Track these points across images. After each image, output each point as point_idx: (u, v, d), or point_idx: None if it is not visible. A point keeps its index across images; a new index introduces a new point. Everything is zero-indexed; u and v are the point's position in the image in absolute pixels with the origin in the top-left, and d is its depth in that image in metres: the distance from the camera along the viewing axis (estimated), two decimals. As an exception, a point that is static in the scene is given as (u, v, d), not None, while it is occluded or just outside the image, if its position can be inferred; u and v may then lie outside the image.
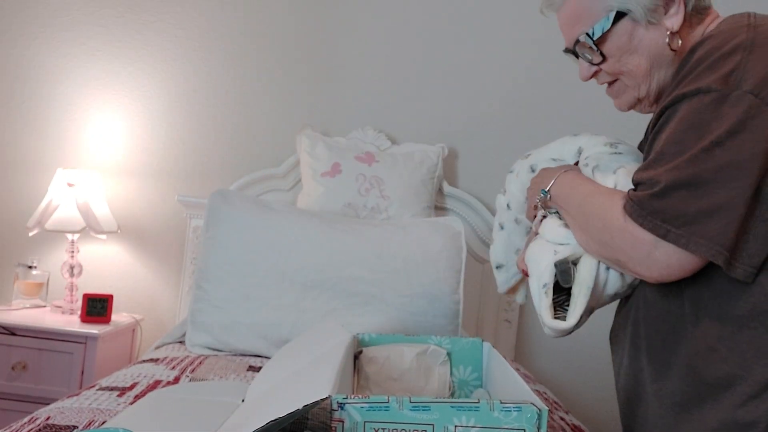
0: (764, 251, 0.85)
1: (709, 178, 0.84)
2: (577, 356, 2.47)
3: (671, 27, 1.00)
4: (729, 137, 0.84)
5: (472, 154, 2.53)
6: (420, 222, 2.09)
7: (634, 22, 1.01)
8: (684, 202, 0.85)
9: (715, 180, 0.84)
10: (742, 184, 0.84)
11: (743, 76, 0.85)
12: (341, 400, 0.80)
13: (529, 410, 0.79)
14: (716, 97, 0.86)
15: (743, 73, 0.85)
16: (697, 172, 0.85)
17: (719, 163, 0.84)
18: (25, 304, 2.35)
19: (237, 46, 2.52)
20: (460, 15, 2.52)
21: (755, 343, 0.87)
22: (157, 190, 2.51)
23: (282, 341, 1.81)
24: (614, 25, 1.01)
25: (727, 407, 0.88)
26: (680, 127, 0.88)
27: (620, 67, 1.04)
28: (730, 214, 0.84)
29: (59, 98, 2.51)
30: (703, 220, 0.84)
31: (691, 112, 0.87)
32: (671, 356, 0.96)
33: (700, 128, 0.86)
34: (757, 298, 0.87)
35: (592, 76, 1.10)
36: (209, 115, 2.52)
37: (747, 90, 0.84)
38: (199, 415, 1.09)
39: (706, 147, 0.84)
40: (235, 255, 1.89)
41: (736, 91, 0.85)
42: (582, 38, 1.04)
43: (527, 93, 2.51)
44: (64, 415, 1.21)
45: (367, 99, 2.52)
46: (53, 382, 2.12)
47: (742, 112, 0.84)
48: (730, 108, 0.84)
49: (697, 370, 0.92)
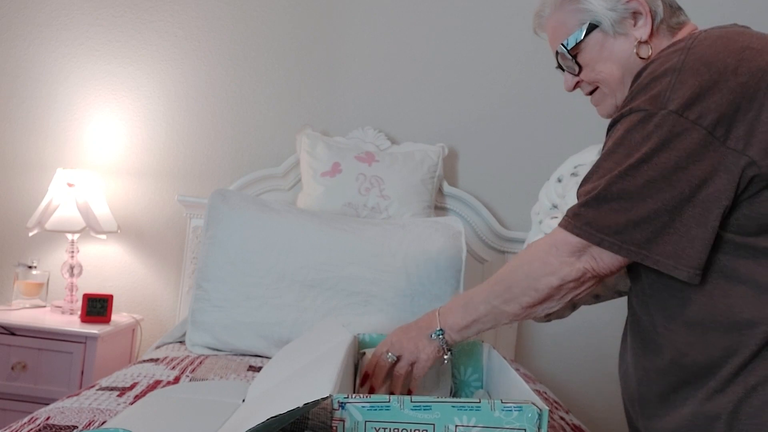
0: (704, 253, 0.90)
1: (635, 192, 0.92)
2: (578, 356, 2.47)
3: (639, 37, 1.08)
4: (654, 154, 0.91)
5: (472, 154, 2.53)
6: (420, 222, 2.09)
7: (604, 33, 1.10)
8: (615, 213, 0.93)
9: (641, 193, 0.91)
10: (667, 197, 0.90)
11: (670, 96, 0.91)
12: (342, 400, 0.80)
13: (529, 410, 0.79)
14: (644, 117, 0.93)
15: (670, 94, 0.91)
16: (625, 187, 0.92)
17: (645, 178, 0.91)
18: (25, 304, 2.35)
19: (237, 46, 2.52)
20: (460, 15, 2.52)
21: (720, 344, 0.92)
22: (157, 190, 2.51)
23: (282, 341, 1.81)
24: (587, 36, 1.10)
25: (698, 400, 0.94)
26: (614, 144, 0.96)
27: (595, 76, 1.13)
28: (656, 223, 0.91)
29: (59, 98, 2.51)
30: (631, 229, 0.92)
31: (624, 130, 0.95)
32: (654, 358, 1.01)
33: (629, 146, 0.93)
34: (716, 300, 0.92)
35: (575, 87, 1.18)
36: (209, 115, 2.52)
37: (672, 110, 0.90)
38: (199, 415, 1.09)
39: (633, 164, 0.92)
40: (235, 255, 1.89)
41: (663, 111, 0.91)
42: (560, 50, 1.14)
43: (527, 93, 2.51)
44: (64, 415, 1.21)
45: (367, 99, 2.52)
46: (53, 382, 2.11)
47: (666, 131, 0.90)
48: (656, 127, 0.91)
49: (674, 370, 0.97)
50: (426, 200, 2.32)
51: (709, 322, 0.93)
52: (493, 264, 2.44)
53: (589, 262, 0.98)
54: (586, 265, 0.98)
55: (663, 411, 0.99)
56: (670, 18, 1.09)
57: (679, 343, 0.96)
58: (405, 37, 2.52)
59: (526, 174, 2.49)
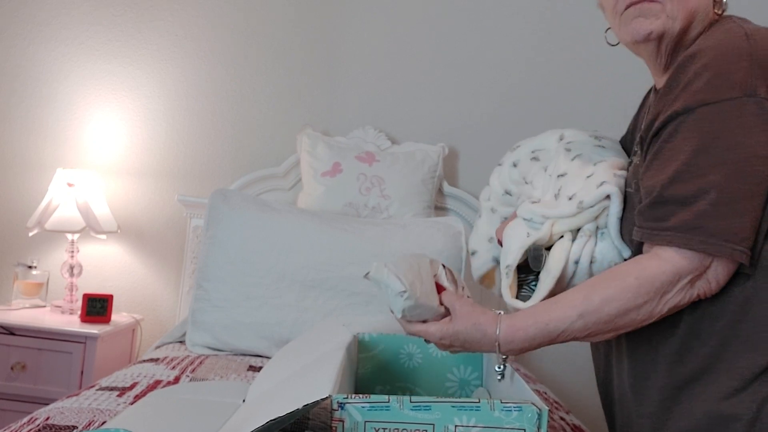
0: None
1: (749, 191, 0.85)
2: (578, 356, 2.47)
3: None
4: (762, 147, 0.85)
5: (472, 154, 2.52)
6: (420, 222, 2.09)
7: None
8: (739, 218, 0.85)
9: (753, 193, 0.85)
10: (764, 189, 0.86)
11: (756, 82, 0.85)
12: (342, 400, 0.80)
13: (529, 410, 0.79)
14: (736, 105, 0.85)
15: (755, 80, 0.86)
16: (740, 186, 0.85)
17: (757, 174, 0.85)
18: (25, 304, 2.35)
19: (237, 46, 2.52)
20: (460, 14, 2.52)
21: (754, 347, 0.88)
22: (157, 190, 2.50)
23: (282, 341, 1.81)
24: None
25: (713, 399, 0.89)
26: (706, 137, 0.86)
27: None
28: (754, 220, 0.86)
29: (59, 98, 2.51)
30: (753, 235, 0.86)
31: (713, 121, 0.86)
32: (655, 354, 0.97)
33: (728, 138, 0.85)
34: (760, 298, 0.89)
35: None
36: (209, 115, 2.52)
37: (764, 96, 0.85)
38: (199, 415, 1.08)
39: (743, 158, 0.84)
40: (236, 254, 1.89)
41: (754, 97, 0.85)
42: None
43: (528, 93, 2.51)
44: (64, 415, 1.21)
45: (367, 99, 2.52)
46: (53, 382, 2.11)
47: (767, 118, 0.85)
48: (756, 116, 0.85)
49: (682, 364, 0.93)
50: (426, 200, 2.32)
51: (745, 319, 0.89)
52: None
53: (703, 287, 0.90)
54: (699, 291, 0.90)
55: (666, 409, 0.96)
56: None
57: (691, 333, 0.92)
58: (405, 37, 2.52)
59: (526, 174, 2.49)
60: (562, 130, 1.23)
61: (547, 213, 1.10)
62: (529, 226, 1.13)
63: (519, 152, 1.27)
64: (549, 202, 1.13)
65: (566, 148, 1.16)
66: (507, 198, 1.27)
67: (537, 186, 1.20)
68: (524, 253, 1.11)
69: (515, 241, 1.13)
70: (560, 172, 1.14)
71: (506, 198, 1.28)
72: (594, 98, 2.47)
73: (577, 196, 1.06)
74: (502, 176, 1.29)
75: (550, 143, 1.22)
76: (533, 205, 1.13)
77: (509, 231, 1.16)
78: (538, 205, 1.13)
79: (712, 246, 0.85)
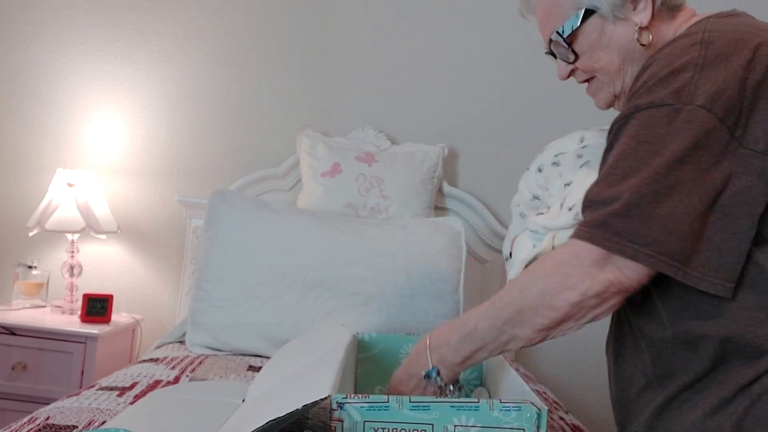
0: (737, 264, 0.84)
1: (667, 196, 0.83)
2: (578, 356, 2.47)
3: (640, 22, 1.01)
4: (688, 153, 0.84)
5: (472, 154, 2.53)
6: (420, 222, 2.09)
7: (603, 19, 1.02)
8: (648, 220, 0.83)
9: (672, 198, 0.83)
10: (696, 201, 0.83)
11: (695, 91, 0.85)
12: (341, 400, 0.80)
13: (528, 410, 0.79)
14: (669, 111, 0.86)
15: (695, 89, 0.85)
16: (658, 190, 0.83)
17: (677, 179, 0.83)
18: (25, 304, 2.35)
19: (237, 46, 2.52)
20: (460, 14, 2.52)
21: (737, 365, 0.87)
22: (157, 190, 2.51)
23: (282, 341, 1.81)
24: (583, 22, 1.03)
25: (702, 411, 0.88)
26: (634, 141, 0.87)
27: (593, 64, 1.06)
28: (687, 231, 0.83)
29: (59, 98, 2.51)
30: (666, 239, 0.83)
31: (644, 125, 0.87)
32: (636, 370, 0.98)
33: (655, 143, 0.85)
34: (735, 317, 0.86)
35: (569, 75, 1.11)
36: (209, 115, 2.52)
37: (700, 105, 0.84)
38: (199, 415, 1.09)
39: (664, 163, 0.84)
40: (236, 255, 1.89)
41: (689, 105, 0.85)
42: (554, 37, 1.06)
43: (528, 93, 2.51)
44: (64, 415, 1.21)
45: (367, 99, 2.52)
46: (53, 382, 2.11)
47: (696, 127, 0.84)
48: (685, 122, 0.84)
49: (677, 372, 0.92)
50: (426, 200, 2.33)
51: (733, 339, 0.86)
52: (493, 264, 2.44)
53: (614, 273, 0.86)
54: (611, 276, 0.87)
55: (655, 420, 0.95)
56: None
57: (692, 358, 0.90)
58: (405, 37, 2.52)
59: (526, 174, 2.48)
60: (584, 130, 1.21)
61: (548, 225, 1.09)
62: (534, 238, 1.12)
63: (544, 156, 1.26)
64: (554, 212, 1.12)
65: (578, 153, 1.14)
66: (535, 203, 1.26)
67: (553, 193, 1.18)
68: (526, 265, 1.11)
69: (520, 253, 1.13)
70: (567, 180, 1.13)
71: (534, 203, 1.26)
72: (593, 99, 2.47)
73: (575, 207, 1.05)
74: (528, 181, 1.28)
75: (571, 146, 1.20)
76: (537, 217, 1.12)
77: (518, 242, 1.16)
78: (542, 216, 1.12)
79: (615, 244, 0.84)
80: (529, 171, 1.29)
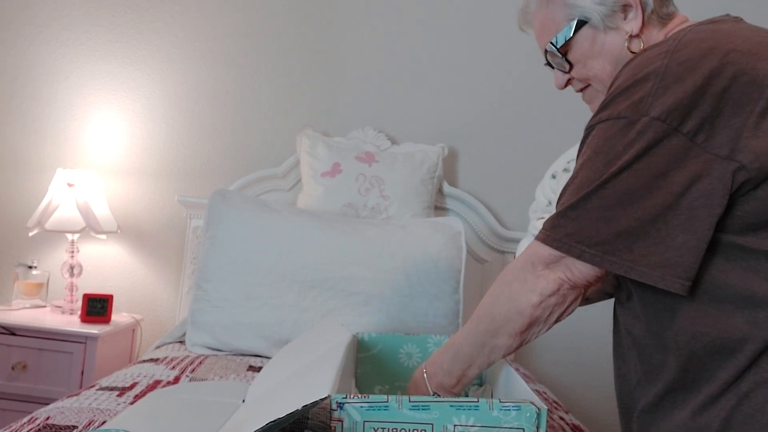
0: (694, 263, 0.86)
1: (616, 201, 0.88)
2: (578, 356, 2.47)
3: (630, 30, 1.04)
4: (635, 161, 0.87)
5: (472, 154, 2.53)
6: (420, 222, 2.09)
7: (594, 29, 1.06)
8: (595, 223, 0.89)
9: (622, 202, 0.88)
10: (649, 204, 0.87)
11: (653, 102, 0.87)
12: (340, 400, 0.80)
13: (528, 409, 0.80)
14: (625, 124, 0.89)
15: (653, 100, 0.88)
16: (605, 195, 0.89)
17: (626, 186, 0.88)
18: (25, 304, 2.35)
19: (237, 46, 2.52)
20: (460, 14, 2.52)
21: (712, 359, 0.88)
22: (157, 190, 2.51)
23: (282, 341, 1.81)
24: (576, 32, 1.07)
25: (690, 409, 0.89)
26: (593, 152, 0.92)
27: (587, 73, 1.09)
28: (639, 232, 0.87)
29: (59, 98, 2.52)
30: (613, 240, 0.88)
31: (603, 138, 0.91)
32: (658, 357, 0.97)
33: (609, 153, 0.90)
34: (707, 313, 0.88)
35: (566, 85, 1.16)
36: (209, 115, 2.52)
37: (654, 116, 0.87)
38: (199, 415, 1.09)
39: (614, 172, 0.88)
40: (236, 255, 1.89)
41: (645, 117, 0.88)
42: (549, 48, 1.10)
43: (528, 93, 2.51)
44: (64, 415, 1.21)
45: (367, 99, 2.52)
46: (53, 382, 2.12)
47: (649, 137, 0.87)
48: (638, 134, 0.88)
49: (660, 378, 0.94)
50: (426, 200, 2.33)
51: (700, 335, 0.88)
52: (493, 264, 2.44)
53: (563, 272, 0.94)
54: (561, 275, 0.94)
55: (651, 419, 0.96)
56: (660, 8, 1.05)
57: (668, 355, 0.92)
58: (405, 37, 2.52)
59: (526, 174, 2.49)
60: None
61: None
62: None
63: (558, 163, 1.29)
64: None
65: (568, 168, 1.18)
66: (551, 209, 1.28)
67: None
68: None
69: None
70: None
71: (550, 209, 1.29)
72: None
73: None
74: (544, 187, 1.31)
75: None
76: (539, 221, 1.14)
77: (521, 247, 1.18)
78: (542, 221, 1.14)
79: (563, 244, 0.91)
80: (544, 178, 1.34)
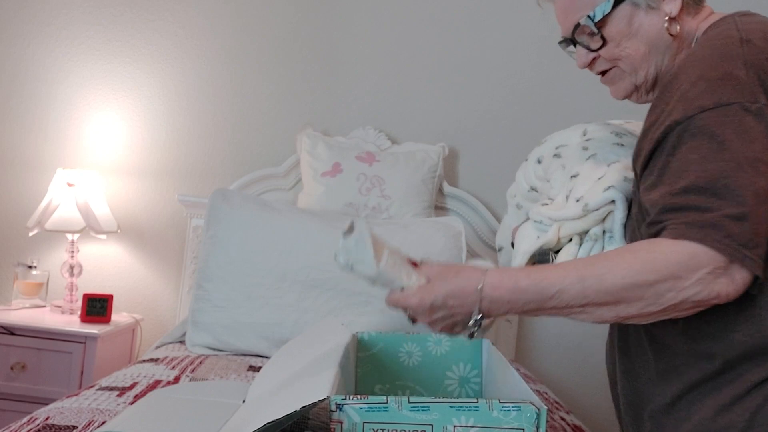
0: None
1: (759, 196, 0.82)
2: (578, 356, 2.47)
3: (670, 12, 1.00)
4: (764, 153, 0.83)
5: (472, 154, 2.52)
6: (421, 222, 2.09)
7: (634, 6, 1.01)
8: (756, 224, 0.82)
9: (761, 198, 0.82)
10: None
11: (755, 90, 0.85)
12: (340, 401, 0.80)
13: (528, 410, 0.79)
14: (739, 110, 0.84)
15: (754, 87, 0.85)
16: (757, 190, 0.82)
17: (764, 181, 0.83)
18: (25, 304, 2.35)
19: (237, 45, 2.52)
20: (460, 14, 2.52)
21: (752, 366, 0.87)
22: (157, 189, 2.50)
23: (283, 341, 1.81)
24: (614, 8, 1.01)
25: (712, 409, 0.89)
26: (712, 143, 0.84)
27: (619, 52, 1.04)
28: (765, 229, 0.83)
29: (59, 98, 2.51)
30: (756, 240, 0.82)
31: (713, 127, 0.84)
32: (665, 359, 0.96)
33: (732, 144, 0.83)
34: None
35: (590, 64, 1.09)
36: (209, 115, 2.52)
37: (764, 103, 0.85)
38: (199, 415, 1.08)
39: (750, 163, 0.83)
40: (236, 254, 1.89)
41: (756, 104, 0.85)
42: (583, 21, 1.03)
43: (528, 93, 2.51)
44: (64, 415, 1.21)
45: (367, 99, 2.52)
46: (53, 382, 2.11)
47: None
48: (755, 123, 0.84)
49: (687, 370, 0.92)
50: (426, 200, 2.32)
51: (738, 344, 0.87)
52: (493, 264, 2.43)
53: (725, 287, 0.82)
54: (721, 289, 0.82)
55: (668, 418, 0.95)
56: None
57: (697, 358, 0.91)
58: (406, 37, 2.52)
59: (526, 174, 2.48)
60: (587, 124, 1.20)
61: (554, 215, 1.08)
62: (538, 229, 1.11)
63: (544, 147, 1.24)
64: (559, 203, 1.11)
65: (583, 146, 1.14)
66: (533, 194, 1.23)
67: (555, 185, 1.17)
68: (530, 258, 1.10)
69: (524, 243, 1.12)
70: (573, 172, 1.12)
71: (532, 194, 1.24)
72: (595, 98, 2.47)
73: (583, 199, 1.04)
74: (527, 172, 1.25)
75: (574, 139, 1.19)
76: (542, 208, 1.11)
77: (521, 233, 1.16)
78: (547, 207, 1.11)
79: (727, 247, 0.81)
80: (527, 162, 1.26)
